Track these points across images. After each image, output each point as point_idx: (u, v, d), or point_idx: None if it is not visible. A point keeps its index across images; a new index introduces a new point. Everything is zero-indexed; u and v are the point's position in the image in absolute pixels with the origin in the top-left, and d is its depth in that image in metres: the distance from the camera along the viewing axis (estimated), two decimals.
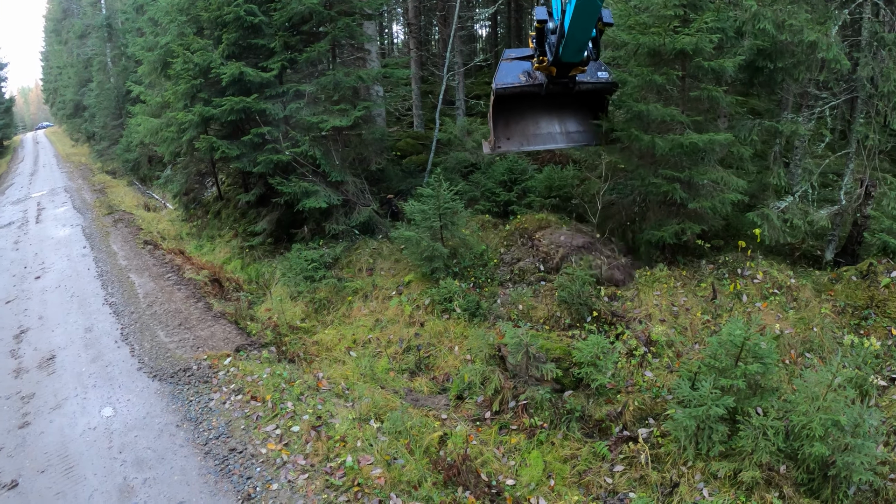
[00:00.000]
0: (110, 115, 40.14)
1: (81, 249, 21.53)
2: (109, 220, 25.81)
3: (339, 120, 15.69)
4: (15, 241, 24.93)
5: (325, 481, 8.22)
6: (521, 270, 14.12)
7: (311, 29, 17.34)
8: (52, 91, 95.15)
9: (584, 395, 10.46)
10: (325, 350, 12.92)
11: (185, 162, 22.11)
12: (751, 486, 8.09)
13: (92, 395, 11.48)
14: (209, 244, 20.77)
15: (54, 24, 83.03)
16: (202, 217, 23.42)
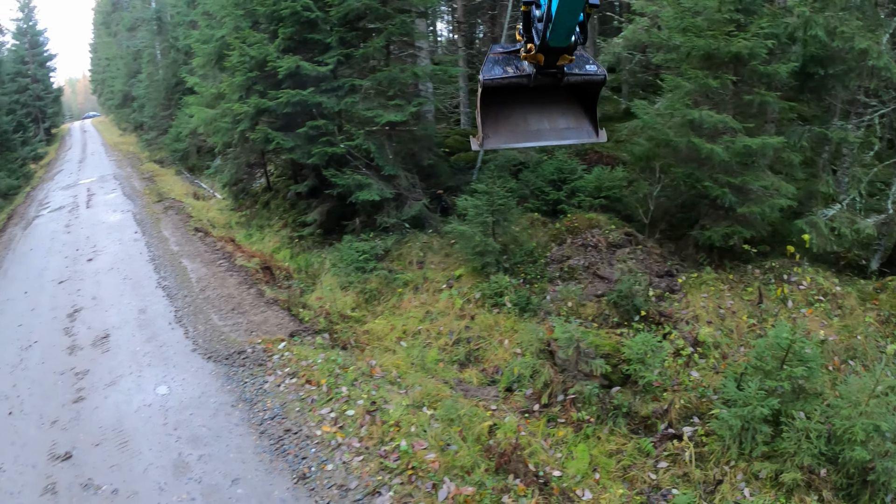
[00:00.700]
0: (159, 105, 40.77)
1: (133, 234, 22.00)
2: (160, 207, 26.32)
3: (393, 115, 15.85)
4: (66, 224, 25.55)
5: (380, 464, 8.38)
6: (570, 268, 14.20)
7: (366, 25, 17.55)
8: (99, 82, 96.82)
9: (632, 391, 10.58)
10: (375, 339, 13.13)
11: (235, 153, 22.41)
12: (791, 487, 8.17)
13: (147, 373, 11.80)
14: (258, 233, 21.08)
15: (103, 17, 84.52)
16: (251, 207, 23.74)
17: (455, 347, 12.73)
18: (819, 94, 14.20)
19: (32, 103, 64.60)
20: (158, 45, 43.03)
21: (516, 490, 7.94)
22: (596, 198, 16.55)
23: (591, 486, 8.71)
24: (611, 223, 15.26)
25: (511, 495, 7.81)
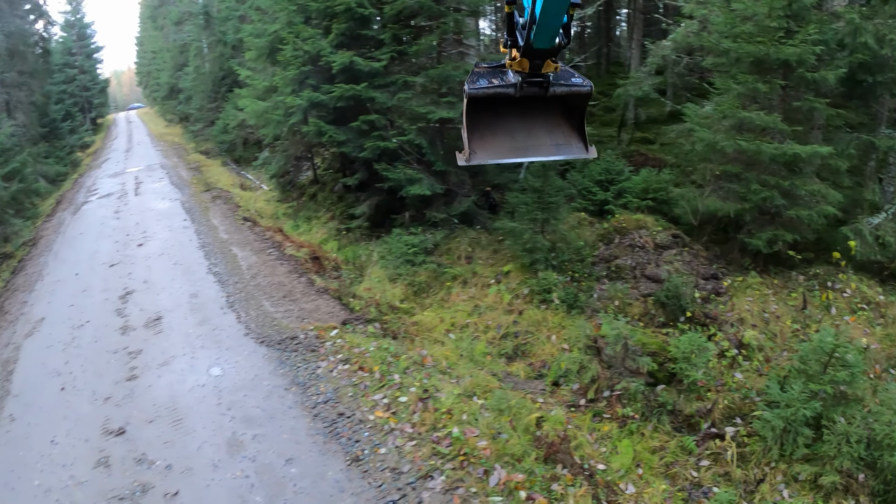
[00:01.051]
0: (206, 98, 41.24)
1: (182, 222, 22.45)
2: (207, 196, 26.78)
3: (446, 112, 16.05)
4: (115, 210, 26.07)
5: (433, 449, 8.55)
6: (617, 267, 14.32)
7: (418, 23, 17.73)
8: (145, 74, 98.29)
9: (676, 390, 10.70)
10: (424, 331, 13.32)
11: (284, 145, 22.70)
12: (829, 491, 8.25)
13: (200, 355, 12.11)
14: (305, 224, 21.33)
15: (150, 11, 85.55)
16: (297, 199, 24.02)
17: (503, 341, 12.90)
18: (867, 101, 14.18)
19: (79, 93, 65.82)
20: (205, 38, 43.54)
21: (565, 479, 8.06)
22: (643, 199, 16.65)
23: (635, 480, 8.82)
24: (658, 224, 15.35)
25: (560, 484, 7.93)
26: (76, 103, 60.30)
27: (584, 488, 7.83)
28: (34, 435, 10.50)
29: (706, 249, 14.81)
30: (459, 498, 7.65)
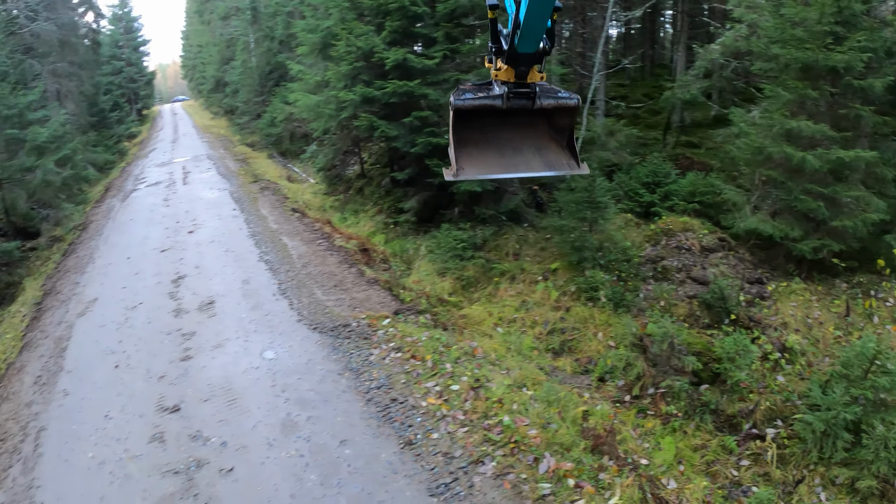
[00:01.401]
0: (253, 91, 41.79)
1: (231, 211, 22.88)
2: (255, 187, 27.19)
3: None
4: (164, 198, 26.61)
5: (484, 436, 8.73)
6: (664, 268, 14.44)
7: (471, 22, 17.94)
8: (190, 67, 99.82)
9: (720, 390, 10.83)
10: (472, 324, 13.52)
11: (333, 139, 23.02)
12: (866, 495, 8.37)
13: (253, 338, 12.41)
14: (353, 217, 21.62)
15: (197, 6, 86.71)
16: (344, 192, 24.32)
17: (550, 336, 13.10)
18: None
19: (126, 85, 67.03)
20: (252, 34, 44.10)
21: (611, 470, 8.20)
22: (690, 202, 16.71)
23: (676, 476, 8.95)
24: (704, 228, 15.46)
25: (606, 474, 8.07)
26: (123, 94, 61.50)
27: (631, 479, 7.96)
28: (88, 409, 10.86)
29: (751, 254, 14.89)
30: (510, 483, 7.82)
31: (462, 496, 7.68)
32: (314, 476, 8.33)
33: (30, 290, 18.40)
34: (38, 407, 11.33)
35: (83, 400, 11.24)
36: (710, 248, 14.85)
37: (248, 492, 8.20)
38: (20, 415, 11.22)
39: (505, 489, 7.73)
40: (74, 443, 9.92)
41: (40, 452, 9.87)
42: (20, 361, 13.54)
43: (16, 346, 14.45)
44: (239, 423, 9.69)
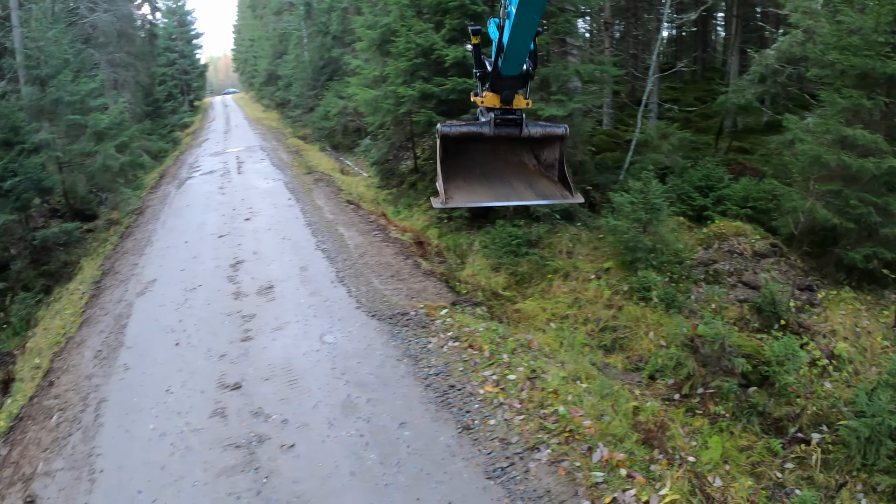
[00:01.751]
0: (306, 85, 42.28)
1: (287, 200, 23.32)
2: (309, 178, 27.62)
3: (555, 109, 16.42)
4: (220, 186, 27.17)
5: (539, 424, 8.95)
6: (715, 272, 14.54)
7: None
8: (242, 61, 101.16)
9: (767, 393, 10.92)
10: (526, 318, 13.75)
11: (387, 133, 23.37)
12: None
13: (313, 322, 12.77)
14: (406, 211, 21.89)
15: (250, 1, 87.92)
16: (397, 186, 24.60)
17: (601, 334, 13.30)
18: None
19: (179, 77, 68.33)
20: (306, 29, 44.65)
21: (661, 463, 8.36)
22: (742, 207, 16.77)
23: (722, 475, 9.08)
24: (756, 233, 15.50)
25: (657, 466, 8.24)
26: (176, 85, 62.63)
27: (681, 472, 8.12)
28: (149, 384, 11.27)
29: (803, 261, 14.92)
30: (564, 470, 8.01)
31: (518, 480, 7.89)
32: (374, 455, 8.59)
33: (88, 270, 19.03)
34: (98, 380, 11.78)
35: (144, 374, 11.65)
36: (761, 254, 14.92)
37: (308, 467, 8.49)
38: (80, 386, 11.69)
39: (559, 475, 7.92)
40: (135, 415, 10.32)
41: (101, 422, 10.27)
42: (80, 336, 14.08)
43: (75, 322, 15.02)
44: (300, 402, 10.00)
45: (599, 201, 18.51)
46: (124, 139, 27.34)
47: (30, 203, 20.91)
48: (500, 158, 12.34)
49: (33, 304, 18.24)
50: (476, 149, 12.22)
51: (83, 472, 9.09)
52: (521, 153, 12.39)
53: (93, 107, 26.37)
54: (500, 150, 12.45)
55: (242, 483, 8.34)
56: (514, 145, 12.25)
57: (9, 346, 16.30)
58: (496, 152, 12.39)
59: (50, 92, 23.55)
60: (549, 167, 12.09)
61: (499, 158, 12.32)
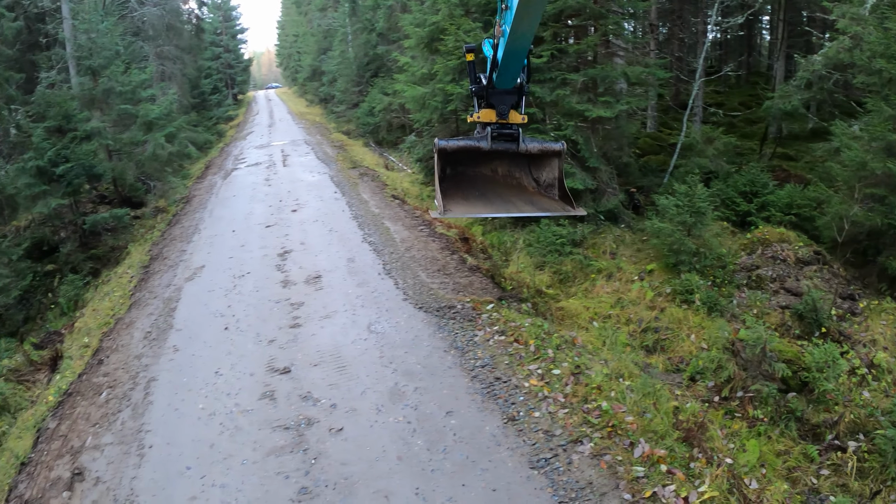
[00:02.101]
0: (351, 81, 42.70)
1: (332, 194, 23.76)
2: (354, 173, 28.03)
3: (603, 111, 16.55)
4: (266, 178, 27.69)
5: (583, 418, 9.12)
6: (758, 277, 14.60)
7: (579, 22, 18.29)
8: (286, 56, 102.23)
9: (806, 399, 10.97)
10: (569, 316, 13.90)
11: (433, 131, 23.60)
12: None
13: (360, 312, 13.08)
14: None
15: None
16: None
17: (643, 334, 13.43)
18: None
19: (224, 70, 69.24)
20: (351, 25, 45.05)
21: (700, 462, 8.49)
22: (786, 214, 16.79)
23: (759, 478, 9.15)
24: (800, 240, 15.52)
25: (697, 464, 8.36)
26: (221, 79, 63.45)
27: (720, 470, 8.24)
28: (198, 365, 11.64)
29: (845, 270, 14.95)
30: (606, 463, 8.16)
31: (561, 471, 8.05)
32: (421, 441, 8.80)
33: (136, 255, 19.58)
34: (147, 359, 12.20)
35: (193, 356, 12.04)
36: (804, 261, 14.95)
37: (356, 450, 8.71)
38: (130, 365, 12.10)
39: (601, 468, 8.07)
40: (185, 394, 10.68)
41: (150, 400, 10.65)
42: (129, 317, 14.55)
43: (124, 304, 15.52)
44: (348, 388, 10.26)
45: (643, 203, 18.63)
46: (172, 130, 27.99)
47: (80, 188, 21.49)
48: (498, 183, 12.83)
49: (81, 286, 18.85)
50: (476, 173, 12.75)
51: (132, 446, 9.43)
52: (519, 175, 12.88)
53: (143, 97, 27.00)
54: (498, 173, 12.93)
55: (291, 463, 8.59)
56: (511, 167, 12.83)
57: (56, 326, 16.83)
58: (494, 176, 12.89)
59: (102, 82, 24.21)
60: (548, 187, 12.55)
61: (497, 183, 12.81)
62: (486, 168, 12.86)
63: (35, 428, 10.67)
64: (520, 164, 12.82)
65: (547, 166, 12.52)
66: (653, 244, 15.80)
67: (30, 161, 20.10)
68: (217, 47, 68.44)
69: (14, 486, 9.20)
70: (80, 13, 26.89)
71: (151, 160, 25.56)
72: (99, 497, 8.45)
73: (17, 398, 12.80)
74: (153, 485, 8.54)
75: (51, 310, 18.64)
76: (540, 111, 17.62)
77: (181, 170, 30.61)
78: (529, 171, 12.83)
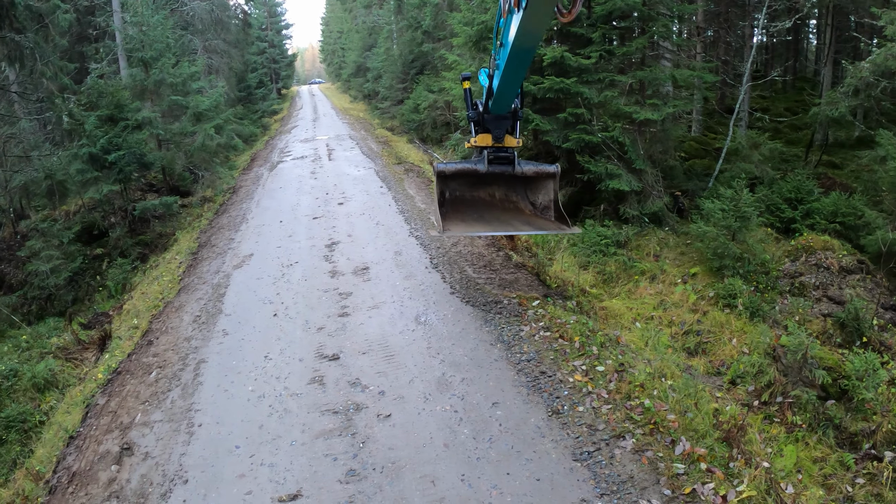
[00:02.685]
0: (396, 78, 42.98)
1: (378, 188, 24.03)
2: (400, 168, 28.28)
3: (650, 113, 16.68)
4: (311, 171, 28.08)
5: (626, 414, 9.27)
6: (801, 284, 14.64)
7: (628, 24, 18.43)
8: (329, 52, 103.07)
9: (845, 407, 11.01)
10: (612, 316, 14.02)
11: None
12: None
13: (408, 304, 13.33)
14: None
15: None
16: None
17: (685, 337, 13.51)
18: None
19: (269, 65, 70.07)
20: (396, 23, 45.38)
21: (739, 462, 8.60)
22: (831, 222, 16.79)
23: (794, 483, 9.17)
24: (843, 249, 15.51)
25: (736, 464, 8.48)
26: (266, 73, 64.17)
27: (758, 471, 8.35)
28: (247, 349, 11.95)
29: (888, 280, 14.93)
30: (647, 459, 8.29)
31: (603, 464, 8.20)
32: (467, 430, 8.99)
33: (184, 241, 20.07)
34: (197, 342, 12.54)
35: (242, 340, 12.36)
36: (848, 270, 14.95)
37: (404, 437, 8.94)
38: (179, 347, 12.46)
39: (643, 464, 8.20)
40: (234, 376, 10.98)
41: (200, 381, 10.97)
42: (178, 301, 14.95)
43: (173, 288, 15.93)
44: (396, 377, 10.50)
45: (688, 207, 18.70)
46: (219, 122, 28.47)
47: (131, 176, 22.09)
48: (496, 206, 13.46)
49: (129, 269, 19.49)
50: (474, 197, 13.39)
51: (181, 424, 9.74)
52: (516, 199, 13.50)
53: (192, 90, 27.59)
54: (496, 196, 13.55)
55: (339, 446, 8.84)
56: (508, 190, 13.48)
57: (104, 307, 17.37)
58: (492, 200, 13.51)
59: (153, 73, 24.73)
60: (544, 209, 13.19)
61: (495, 206, 13.45)
62: (483, 192, 13.48)
63: (84, 404, 11.07)
64: (516, 188, 13.45)
65: (542, 189, 13.13)
66: (697, 247, 15.89)
67: (82, 148, 20.71)
68: (263, 42, 69.26)
69: (62, 458, 9.58)
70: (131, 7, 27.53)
71: (200, 150, 26.06)
72: (147, 471, 8.77)
73: (66, 375, 13.35)
74: (202, 461, 8.83)
75: (99, 292, 19.22)
76: (587, 112, 17.73)
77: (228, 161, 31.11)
78: (526, 194, 13.44)
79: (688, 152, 23.68)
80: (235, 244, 18.59)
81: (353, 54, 66.31)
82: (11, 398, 12.62)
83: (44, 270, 18.66)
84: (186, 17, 37.25)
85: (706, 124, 29.69)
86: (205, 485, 8.36)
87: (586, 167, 17.40)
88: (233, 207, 23.55)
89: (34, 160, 22.26)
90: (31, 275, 18.98)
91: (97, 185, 20.95)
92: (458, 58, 24.25)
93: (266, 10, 75.21)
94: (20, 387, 12.89)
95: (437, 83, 30.97)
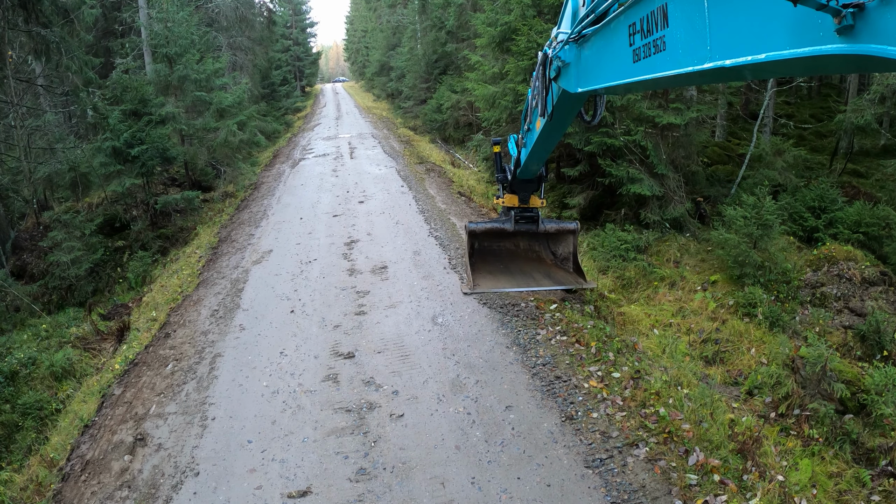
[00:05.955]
0: (419, 78, 42.99)
1: (399, 187, 24.11)
2: (421, 168, 28.35)
3: (673, 117, 16.55)
4: (333, 169, 28.20)
5: (640, 422, 9.21)
6: (822, 295, 14.46)
7: None
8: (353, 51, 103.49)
9: (863, 422, 10.86)
10: (630, 322, 13.93)
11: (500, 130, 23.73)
12: None
13: (425, 304, 13.35)
14: None
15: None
16: None
17: (703, 345, 13.38)
18: None
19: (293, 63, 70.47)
20: (420, 23, 45.42)
21: (753, 475, 8.52)
22: (854, 232, 16.60)
23: (809, 498, 9.10)
24: (867, 259, 15.32)
25: (750, 476, 8.39)
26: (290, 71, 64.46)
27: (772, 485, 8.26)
28: (263, 345, 12.03)
29: None
30: (660, 469, 8.23)
31: (615, 472, 8.15)
32: (479, 433, 8.98)
33: (204, 236, 20.19)
34: (214, 336, 12.63)
35: (259, 336, 12.44)
36: (870, 281, 14.75)
37: (416, 437, 8.95)
38: (196, 340, 12.56)
39: (655, 473, 8.14)
40: (249, 371, 11.07)
41: (215, 375, 11.05)
42: (197, 295, 15.06)
43: (192, 282, 16.06)
44: (410, 377, 10.52)
45: (709, 213, 18.54)
46: (243, 118, 28.64)
47: (153, 170, 22.26)
48: (520, 256, 14.38)
49: (149, 262, 19.68)
50: (500, 247, 14.37)
51: (195, 417, 9.83)
52: (539, 249, 14.47)
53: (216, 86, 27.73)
54: (520, 247, 14.49)
55: (351, 444, 8.86)
56: (532, 242, 14.50)
57: (124, 299, 17.49)
58: (516, 251, 14.45)
59: (177, 69, 24.86)
60: (564, 260, 14.11)
61: (519, 256, 14.37)
62: (509, 243, 14.41)
63: (100, 393, 11.19)
64: (539, 239, 14.40)
65: (563, 242, 14.08)
66: (717, 255, 15.74)
67: (106, 141, 20.87)
68: (287, 40, 69.64)
69: (76, 446, 9.68)
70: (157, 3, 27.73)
71: (222, 146, 26.23)
72: (160, 462, 8.85)
73: (83, 364, 13.52)
74: (214, 455, 8.90)
75: (119, 284, 19.38)
76: (610, 115, 17.61)
77: (250, 157, 31.34)
78: (548, 244, 14.36)
79: (710, 158, 23.44)
80: (255, 240, 18.70)
81: (377, 53, 66.52)
82: (29, 386, 12.78)
83: (65, 261, 18.84)
84: (211, 13, 37.46)
85: (730, 130, 29.43)
86: (216, 478, 8.41)
87: (608, 171, 17.28)
88: (254, 203, 23.69)
89: (58, 152, 22.49)
90: (53, 265, 19.18)
91: (120, 179, 21.11)
92: (482, 58, 24.22)
93: (291, 8, 75.65)
94: (38, 375, 13.06)
95: (460, 83, 30.95)
